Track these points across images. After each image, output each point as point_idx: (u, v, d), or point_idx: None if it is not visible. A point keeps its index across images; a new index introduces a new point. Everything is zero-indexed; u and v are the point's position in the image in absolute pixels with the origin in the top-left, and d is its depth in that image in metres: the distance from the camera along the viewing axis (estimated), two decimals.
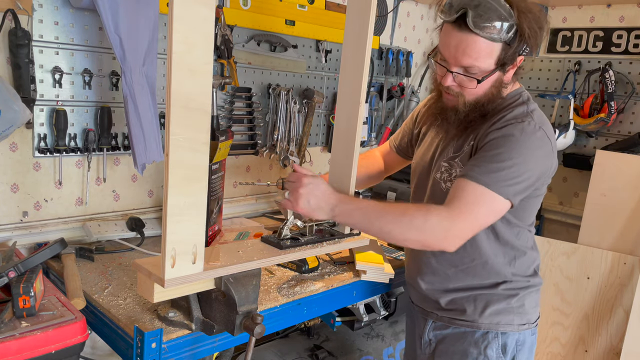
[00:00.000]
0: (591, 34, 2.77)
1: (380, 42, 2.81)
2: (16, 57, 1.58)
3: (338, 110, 1.48)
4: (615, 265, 2.38)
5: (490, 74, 1.29)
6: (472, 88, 1.32)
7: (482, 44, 1.24)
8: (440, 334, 1.50)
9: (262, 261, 1.27)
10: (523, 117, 1.32)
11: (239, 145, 2.27)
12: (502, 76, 1.33)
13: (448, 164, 1.42)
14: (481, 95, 1.34)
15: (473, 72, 1.29)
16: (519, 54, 1.30)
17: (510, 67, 1.32)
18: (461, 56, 1.27)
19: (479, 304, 1.45)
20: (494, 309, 1.44)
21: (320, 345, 2.29)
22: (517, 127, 1.30)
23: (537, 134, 1.30)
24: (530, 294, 1.47)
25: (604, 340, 2.42)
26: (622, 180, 2.41)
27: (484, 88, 1.33)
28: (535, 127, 1.30)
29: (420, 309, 1.57)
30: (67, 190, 1.82)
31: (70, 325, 1.16)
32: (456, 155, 1.41)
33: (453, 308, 1.47)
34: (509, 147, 1.27)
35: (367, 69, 1.40)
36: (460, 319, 1.46)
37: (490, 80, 1.31)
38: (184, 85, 1.03)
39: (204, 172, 1.11)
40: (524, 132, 1.29)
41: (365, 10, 1.36)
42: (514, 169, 1.26)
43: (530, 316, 1.47)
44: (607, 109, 2.60)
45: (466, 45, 1.25)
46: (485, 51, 1.26)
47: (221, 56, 2.08)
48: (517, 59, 1.32)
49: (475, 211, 1.26)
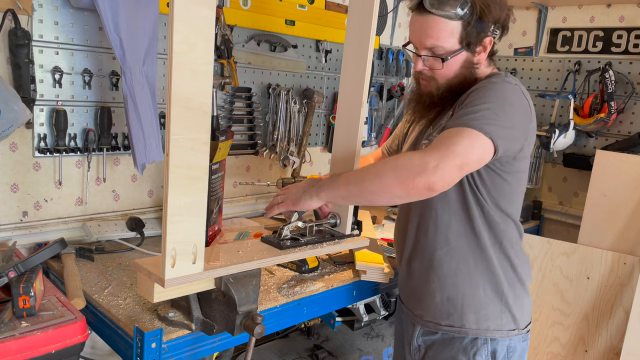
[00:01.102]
0: (591, 34, 2.77)
1: (380, 42, 2.81)
2: (16, 57, 1.58)
3: (339, 110, 1.48)
4: (615, 265, 2.38)
5: (455, 53, 1.33)
6: (439, 69, 1.36)
7: (441, 23, 1.31)
8: (430, 339, 1.47)
9: (262, 261, 1.27)
10: (496, 77, 1.35)
11: (239, 145, 2.27)
12: (471, 57, 1.35)
13: (428, 141, 1.41)
14: (452, 77, 1.37)
15: (439, 52, 1.34)
16: (484, 34, 1.33)
17: (480, 49, 1.35)
18: (424, 38, 1.35)
19: (466, 307, 1.40)
20: (482, 314, 1.40)
21: (320, 345, 2.29)
22: (491, 81, 1.32)
23: (511, 86, 1.31)
24: (520, 297, 1.43)
25: (604, 340, 2.42)
26: (622, 180, 2.40)
27: (452, 69, 1.36)
28: (512, 82, 1.32)
29: (409, 313, 1.53)
30: (67, 190, 1.82)
31: (70, 325, 1.16)
32: (435, 130, 1.41)
33: (436, 312, 1.43)
34: (482, 95, 1.27)
35: (369, 70, 1.40)
36: (447, 324, 1.42)
37: (457, 60, 1.35)
38: (184, 85, 1.03)
39: (204, 172, 1.11)
40: (497, 84, 1.30)
41: (367, 10, 1.36)
42: (490, 111, 1.24)
43: (519, 321, 1.42)
44: (607, 109, 2.60)
45: (427, 26, 1.33)
46: (445, 30, 1.31)
47: (221, 56, 2.08)
48: (485, 39, 1.34)
49: (454, 144, 1.19)
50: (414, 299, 1.50)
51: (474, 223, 1.38)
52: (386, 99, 2.87)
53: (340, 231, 1.50)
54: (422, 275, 1.46)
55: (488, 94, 1.28)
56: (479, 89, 1.31)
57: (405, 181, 1.17)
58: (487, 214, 1.37)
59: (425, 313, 1.46)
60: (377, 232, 2.22)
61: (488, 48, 1.36)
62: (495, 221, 1.38)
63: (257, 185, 2.16)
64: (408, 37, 1.46)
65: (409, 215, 1.48)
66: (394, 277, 1.71)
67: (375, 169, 1.24)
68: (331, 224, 1.51)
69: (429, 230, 1.42)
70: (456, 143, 1.19)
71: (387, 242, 2.07)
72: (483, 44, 1.35)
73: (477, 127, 1.20)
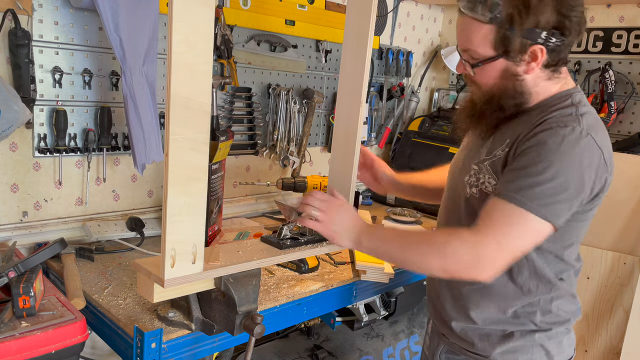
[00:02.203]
0: (591, 34, 2.77)
1: (380, 42, 2.81)
2: (16, 57, 1.58)
3: (338, 110, 1.48)
4: (615, 265, 2.38)
5: (487, 60, 1.19)
6: (472, 75, 1.25)
7: (473, 24, 1.18)
8: (453, 358, 1.40)
9: (262, 261, 1.27)
10: (567, 122, 1.13)
11: (239, 145, 2.27)
12: (513, 67, 1.18)
13: (477, 167, 1.26)
14: (492, 86, 1.22)
15: (475, 57, 1.21)
16: (531, 41, 1.14)
17: (528, 59, 1.17)
18: (460, 40, 1.24)
19: (493, 338, 1.30)
20: (510, 346, 1.28)
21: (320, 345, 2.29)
22: (559, 132, 1.12)
23: (583, 141, 1.11)
24: (558, 334, 1.30)
25: (604, 340, 2.42)
26: (622, 180, 2.40)
27: (490, 77, 1.21)
28: (582, 133, 1.12)
29: (436, 328, 1.46)
30: (67, 190, 1.82)
31: (70, 325, 1.16)
32: (486, 159, 1.25)
33: (463, 338, 1.35)
34: (547, 157, 1.10)
35: (367, 69, 1.39)
36: (471, 350, 1.33)
37: (494, 69, 1.20)
38: (184, 85, 1.03)
39: (204, 172, 1.11)
40: (565, 138, 1.10)
41: (365, 10, 1.36)
42: (553, 183, 1.09)
43: (555, 357, 1.29)
44: (607, 109, 2.60)
45: (461, 27, 1.22)
46: (477, 32, 1.17)
47: (221, 56, 2.08)
48: (533, 48, 1.14)
49: (504, 233, 1.10)
50: (441, 319, 1.41)
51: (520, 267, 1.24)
52: (386, 99, 2.87)
53: None
54: (449, 303, 1.36)
55: (553, 157, 1.10)
56: (543, 145, 1.12)
57: (449, 269, 1.14)
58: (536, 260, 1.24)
59: (451, 335, 1.39)
60: None
61: (540, 58, 1.15)
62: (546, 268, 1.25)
63: (257, 185, 2.16)
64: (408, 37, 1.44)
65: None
66: (394, 277, 1.71)
67: (421, 246, 1.17)
68: None
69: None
70: (508, 230, 1.10)
71: None
72: (530, 52, 1.15)
73: (533, 211, 1.10)
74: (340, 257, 1.85)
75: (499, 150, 1.23)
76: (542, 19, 1.12)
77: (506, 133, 1.24)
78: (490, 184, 1.21)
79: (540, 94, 1.23)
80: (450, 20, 3.20)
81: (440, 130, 2.78)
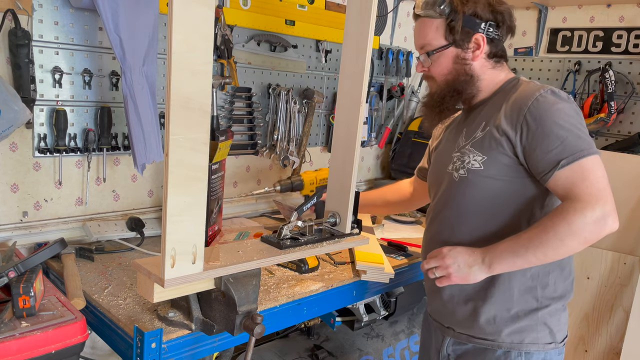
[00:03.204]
0: (591, 34, 2.77)
1: (380, 42, 2.81)
2: (16, 57, 1.58)
3: (338, 110, 1.48)
4: (615, 265, 2.38)
5: (441, 48, 1.40)
6: (429, 65, 1.43)
7: (426, 22, 1.41)
8: (460, 348, 1.46)
9: (262, 261, 1.27)
10: (538, 90, 1.32)
11: (239, 145, 2.27)
12: (461, 53, 1.40)
13: (459, 153, 1.41)
14: (447, 73, 1.42)
15: (429, 50, 1.42)
16: (473, 30, 1.37)
17: (473, 47, 1.39)
18: (417, 40, 1.46)
19: (499, 321, 1.38)
20: (517, 327, 1.37)
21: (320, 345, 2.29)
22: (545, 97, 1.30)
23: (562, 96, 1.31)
24: (557, 311, 1.40)
25: (604, 340, 2.42)
26: (622, 180, 2.40)
27: (444, 64, 1.41)
28: (554, 91, 1.32)
29: (439, 324, 1.52)
30: (67, 190, 1.82)
31: (70, 325, 1.16)
32: (467, 143, 1.40)
33: (469, 325, 1.42)
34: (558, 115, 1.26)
35: (367, 69, 1.39)
36: (478, 337, 1.41)
37: (447, 56, 1.40)
38: (184, 85, 1.03)
39: (204, 172, 1.11)
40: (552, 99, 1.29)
41: (365, 10, 1.36)
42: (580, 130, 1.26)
43: (557, 335, 1.39)
44: (607, 109, 2.60)
45: (418, 29, 1.45)
46: (430, 28, 1.40)
47: (221, 56, 2.08)
48: (475, 36, 1.38)
49: (598, 183, 1.22)
50: (445, 312, 1.47)
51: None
52: (386, 99, 2.87)
53: (340, 230, 1.50)
54: (454, 288, 1.43)
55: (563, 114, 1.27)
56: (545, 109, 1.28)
57: (591, 240, 1.21)
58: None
59: (457, 325, 1.45)
60: (377, 232, 2.22)
61: (482, 46, 1.39)
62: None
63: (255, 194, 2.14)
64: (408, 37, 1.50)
65: (442, 227, 1.46)
66: (394, 277, 1.71)
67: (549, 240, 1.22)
68: (331, 223, 1.51)
69: (459, 238, 1.40)
70: (597, 180, 1.22)
71: (387, 242, 2.07)
72: (474, 41, 1.39)
73: (593, 152, 1.23)
74: (340, 257, 1.85)
75: (478, 132, 1.39)
76: (478, 9, 1.37)
77: (477, 119, 1.42)
78: (477, 160, 1.36)
79: (490, 82, 1.44)
80: None
81: None
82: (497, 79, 1.44)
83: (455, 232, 1.42)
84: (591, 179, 1.21)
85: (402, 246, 2.01)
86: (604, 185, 1.22)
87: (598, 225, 1.19)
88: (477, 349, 1.42)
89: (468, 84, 1.42)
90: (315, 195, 1.51)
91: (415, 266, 1.92)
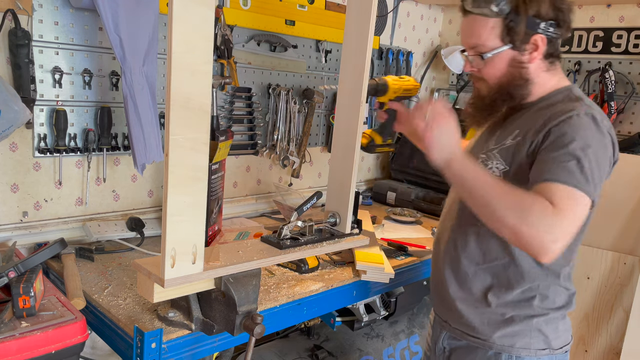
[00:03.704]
0: (591, 34, 2.77)
1: (380, 42, 2.81)
2: (16, 57, 1.58)
3: (338, 110, 1.48)
4: (615, 265, 2.38)
5: (496, 50, 1.28)
6: (483, 67, 1.32)
7: (479, 20, 1.28)
8: (454, 343, 1.46)
9: (262, 261, 1.27)
10: (579, 109, 1.23)
11: (239, 145, 2.27)
12: (518, 55, 1.29)
13: (485, 156, 1.35)
14: (500, 76, 1.32)
15: (482, 51, 1.30)
16: (533, 31, 1.25)
17: (531, 48, 1.28)
18: (467, 38, 1.33)
19: (493, 323, 1.37)
20: (509, 330, 1.35)
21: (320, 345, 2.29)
22: (580, 120, 1.21)
23: (599, 127, 1.21)
24: (554, 319, 1.36)
25: (604, 340, 2.42)
26: (622, 180, 2.40)
27: (499, 67, 1.31)
28: (596, 116, 1.22)
29: (438, 317, 1.53)
30: (67, 190, 1.82)
31: (70, 325, 1.16)
32: (495, 148, 1.34)
33: (464, 322, 1.42)
34: (578, 140, 1.18)
35: (367, 69, 1.40)
36: (472, 334, 1.41)
37: (502, 58, 1.30)
38: (184, 85, 1.03)
39: (204, 172, 1.11)
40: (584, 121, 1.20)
41: (365, 10, 1.36)
42: (591, 162, 1.16)
43: (553, 342, 1.36)
44: (607, 109, 2.60)
45: (467, 26, 1.32)
46: (484, 27, 1.28)
47: (221, 56, 2.08)
48: (534, 37, 1.26)
49: (575, 211, 1.13)
50: (444, 306, 1.48)
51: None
52: None
53: (340, 230, 1.50)
54: (453, 285, 1.43)
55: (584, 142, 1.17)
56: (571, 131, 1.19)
57: (519, 238, 1.12)
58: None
59: (453, 321, 1.46)
60: (377, 232, 2.22)
61: (541, 47, 1.28)
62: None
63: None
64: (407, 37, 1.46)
65: (451, 224, 1.45)
66: (394, 277, 1.71)
67: (507, 197, 1.14)
68: (331, 223, 1.51)
69: (469, 244, 1.38)
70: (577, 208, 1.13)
71: (387, 242, 2.07)
72: (533, 42, 1.27)
73: (585, 190, 1.14)
74: (340, 257, 1.85)
75: (509, 140, 1.32)
76: (542, 9, 1.24)
77: (513, 125, 1.34)
78: (499, 168, 1.30)
79: (541, 86, 1.33)
80: (451, 20, 3.20)
81: None
82: (548, 85, 1.34)
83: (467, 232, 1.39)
84: (572, 204, 1.13)
85: (402, 246, 2.01)
86: (576, 223, 1.14)
87: (538, 239, 1.10)
88: (470, 346, 1.43)
89: (522, 87, 1.32)
90: (315, 195, 1.51)
91: (415, 266, 1.93)
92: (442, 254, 1.46)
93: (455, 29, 3.19)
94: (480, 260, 1.37)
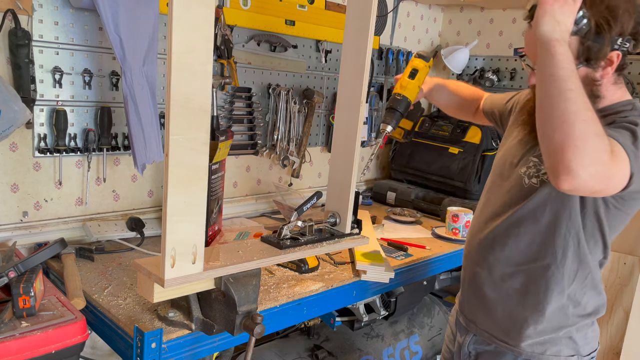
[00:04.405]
0: None
1: (380, 42, 2.81)
2: (16, 57, 1.58)
3: (338, 110, 1.48)
4: (615, 265, 2.38)
5: None
6: None
7: None
8: (481, 348, 1.44)
9: (262, 261, 1.27)
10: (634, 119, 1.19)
11: (239, 145, 2.27)
12: (592, 73, 1.21)
13: (537, 159, 1.31)
14: None
15: None
16: (610, 48, 1.17)
17: (606, 64, 1.20)
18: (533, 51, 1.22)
19: (524, 330, 1.35)
20: (541, 339, 1.34)
21: (320, 345, 2.29)
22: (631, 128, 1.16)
23: None
24: (584, 326, 1.36)
25: (604, 340, 2.42)
26: None
27: None
28: None
29: (464, 318, 1.50)
30: (67, 190, 1.82)
31: (70, 325, 1.16)
32: (538, 158, 1.31)
33: (495, 324, 1.40)
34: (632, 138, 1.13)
35: (367, 69, 1.39)
36: (501, 339, 1.39)
37: None
38: (184, 85, 1.03)
39: (204, 172, 1.11)
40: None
41: (365, 10, 1.36)
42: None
43: (582, 348, 1.35)
44: None
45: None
46: None
47: (221, 56, 2.08)
48: (611, 53, 1.18)
49: (624, 167, 1.09)
50: (473, 306, 1.46)
51: (566, 251, 1.29)
52: (386, 99, 2.87)
53: (340, 230, 1.50)
54: (487, 285, 1.41)
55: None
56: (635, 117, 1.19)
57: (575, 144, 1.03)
58: (583, 242, 1.28)
59: (482, 323, 1.43)
60: (377, 232, 2.22)
61: (616, 63, 1.20)
62: (588, 251, 1.29)
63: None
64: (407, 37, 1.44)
65: (489, 220, 1.41)
66: (394, 277, 1.71)
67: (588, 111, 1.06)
68: (331, 223, 1.51)
69: (508, 243, 1.36)
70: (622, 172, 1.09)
71: (387, 241, 2.07)
72: (609, 58, 1.19)
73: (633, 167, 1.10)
74: (340, 257, 1.85)
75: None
76: (625, 28, 1.16)
77: None
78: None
79: (607, 99, 1.27)
80: (451, 20, 3.20)
81: (440, 130, 2.78)
82: (613, 97, 1.28)
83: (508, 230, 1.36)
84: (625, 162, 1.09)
85: (402, 246, 2.01)
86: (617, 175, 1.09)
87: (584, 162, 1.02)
88: (498, 351, 1.40)
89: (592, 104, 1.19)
90: (314, 195, 1.51)
91: (415, 266, 1.93)
92: (479, 250, 1.43)
93: (455, 29, 3.19)
94: (520, 260, 1.34)
